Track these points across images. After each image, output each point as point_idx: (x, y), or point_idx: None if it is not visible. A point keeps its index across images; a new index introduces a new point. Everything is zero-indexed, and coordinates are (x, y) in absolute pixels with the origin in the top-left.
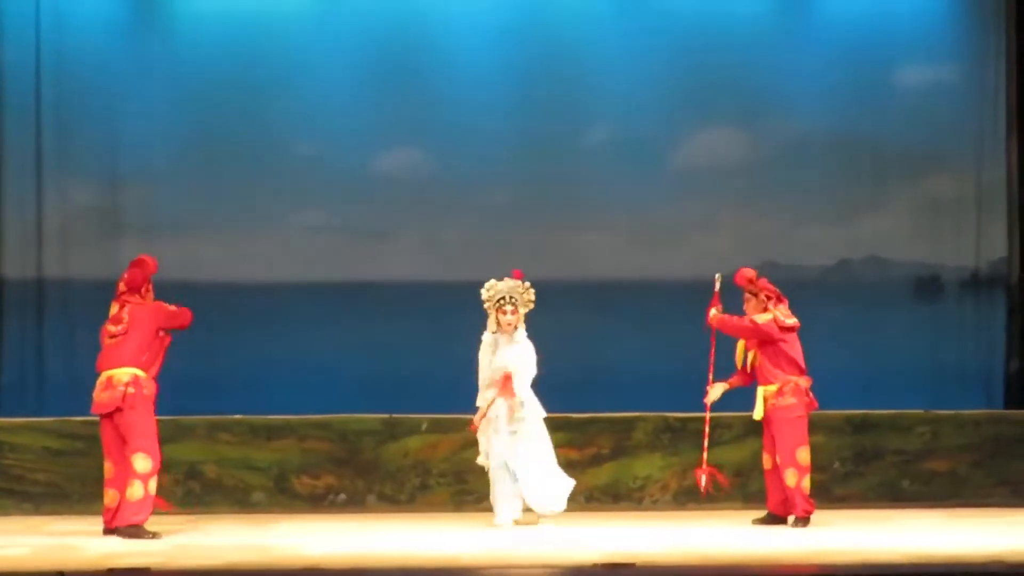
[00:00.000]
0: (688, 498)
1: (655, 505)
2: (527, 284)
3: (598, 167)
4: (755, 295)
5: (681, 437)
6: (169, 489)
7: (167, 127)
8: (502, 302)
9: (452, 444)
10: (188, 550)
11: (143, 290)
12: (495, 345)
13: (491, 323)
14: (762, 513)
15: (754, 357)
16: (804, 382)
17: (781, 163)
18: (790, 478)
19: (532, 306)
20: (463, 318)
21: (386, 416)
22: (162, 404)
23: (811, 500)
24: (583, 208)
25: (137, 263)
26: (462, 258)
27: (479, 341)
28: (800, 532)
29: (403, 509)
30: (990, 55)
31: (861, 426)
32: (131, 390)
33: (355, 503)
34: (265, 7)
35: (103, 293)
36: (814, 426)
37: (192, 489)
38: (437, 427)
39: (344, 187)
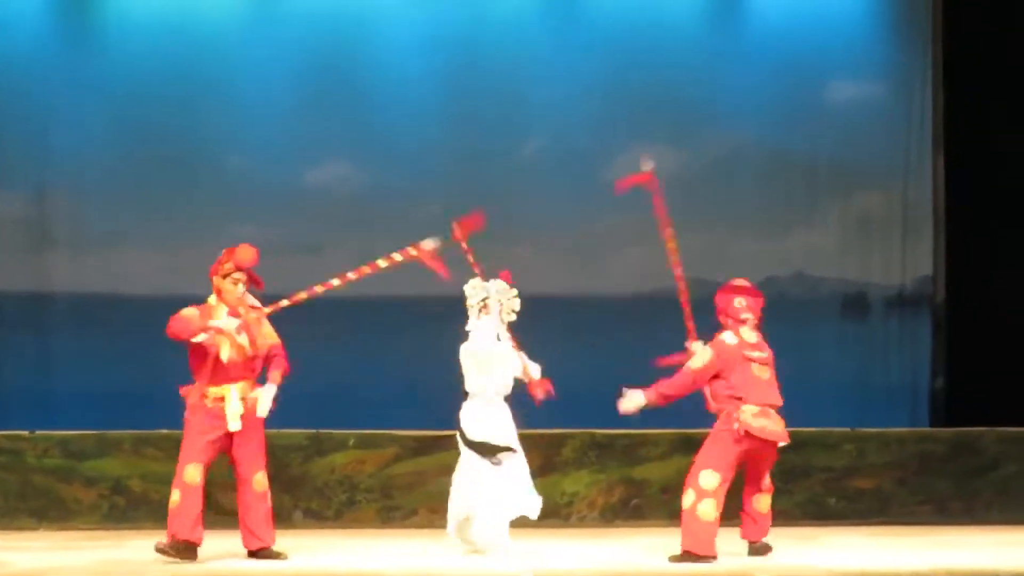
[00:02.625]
0: (615, 515)
1: (582, 522)
2: (513, 289)
3: (532, 180)
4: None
5: (608, 454)
6: (94, 504)
7: (97, 137)
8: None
9: (379, 460)
10: (113, 566)
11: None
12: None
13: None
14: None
15: None
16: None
17: (712, 179)
18: (686, 499)
19: (513, 316)
20: (393, 333)
21: (313, 432)
22: (88, 418)
23: (707, 541)
24: (516, 222)
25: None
26: (395, 273)
27: (408, 355)
28: (726, 548)
29: (329, 525)
30: (917, 73)
31: (788, 443)
32: None
33: (281, 519)
34: (198, 18)
35: (30, 305)
36: None
37: (117, 504)
38: (364, 443)
39: (276, 200)
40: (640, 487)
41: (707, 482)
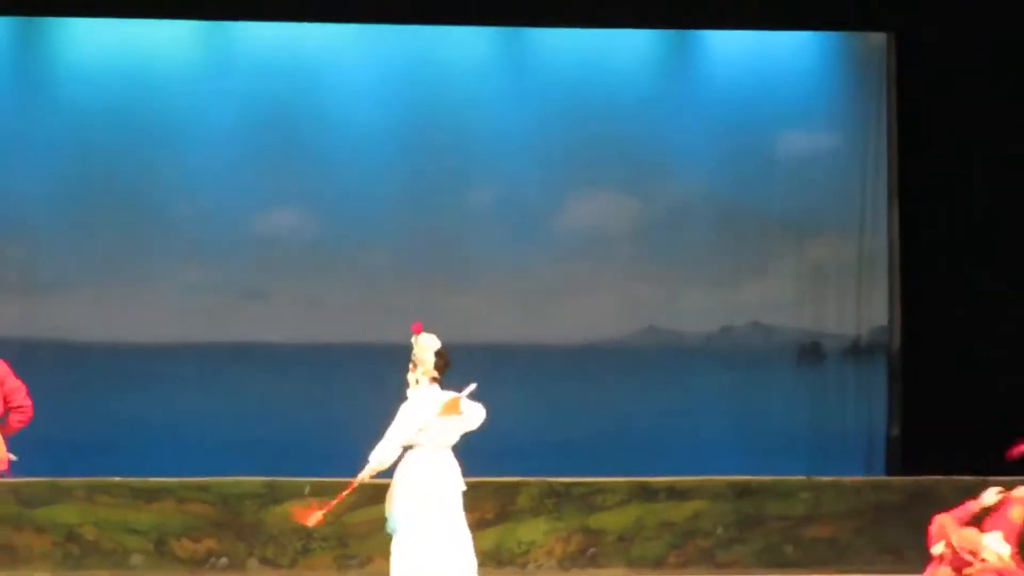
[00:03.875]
0: (572, 563)
1: (540, 570)
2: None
3: (482, 229)
4: None
5: (565, 501)
6: (47, 552)
7: (45, 182)
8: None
9: (335, 508)
10: None
11: None
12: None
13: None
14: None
15: None
16: None
17: (665, 228)
18: None
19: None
20: (344, 380)
21: (268, 479)
22: (40, 466)
23: None
24: (466, 270)
25: None
26: (343, 319)
27: (360, 403)
28: None
29: (285, 573)
30: (871, 122)
31: (743, 491)
32: None
33: (236, 567)
34: (148, 65)
35: None
36: (697, 490)
37: (71, 552)
38: (320, 490)
39: (225, 246)
40: (597, 535)
41: None
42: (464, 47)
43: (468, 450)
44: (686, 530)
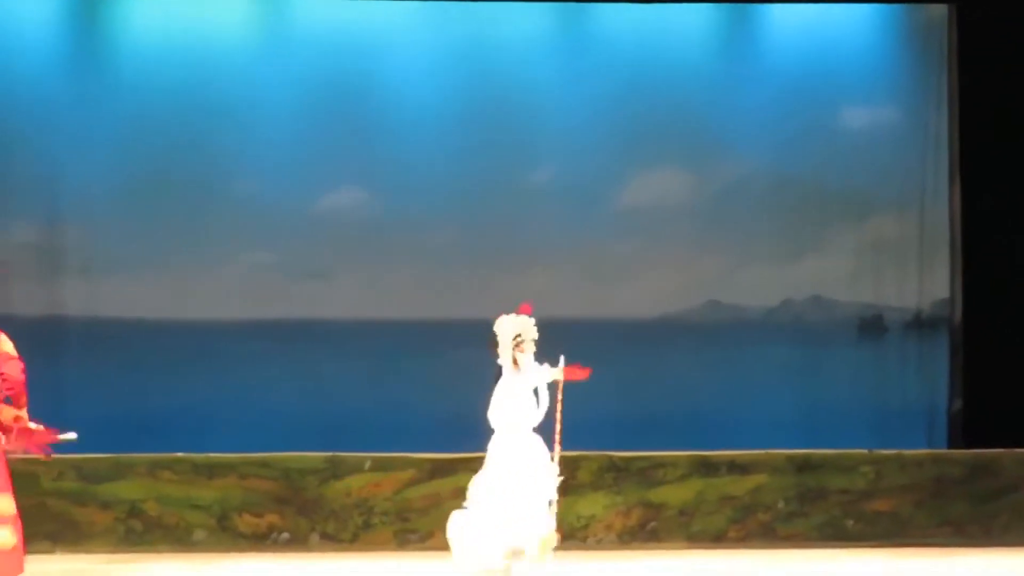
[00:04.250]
0: (632, 537)
1: (599, 544)
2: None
3: (543, 207)
4: None
5: (625, 476)
6: (109, 528)
7: (108, 164)
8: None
9: (395, 483)
10: None
11: None
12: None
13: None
14: (708, 552)
15: None
16: None
17: (725, 203)
18: None
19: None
20: (406, 357)
21: (329, 454)
22: (104, 442)
23: None
24: (527, 248)
25: None
26: (406, 298)
27: (420, 380)
28: (747, 572)
29: (346, 548)
30: (932, 97)
31: (804, 466)
32: None
33: (297, 542)
34: (209, 43)
35: (44, 331)
36: (758, 464)
37: (133, 528)
38: (380, 466)
39: (288, 226)
40: (657, 510)
41: None
42: (524, 24)
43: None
44: (747, 504)
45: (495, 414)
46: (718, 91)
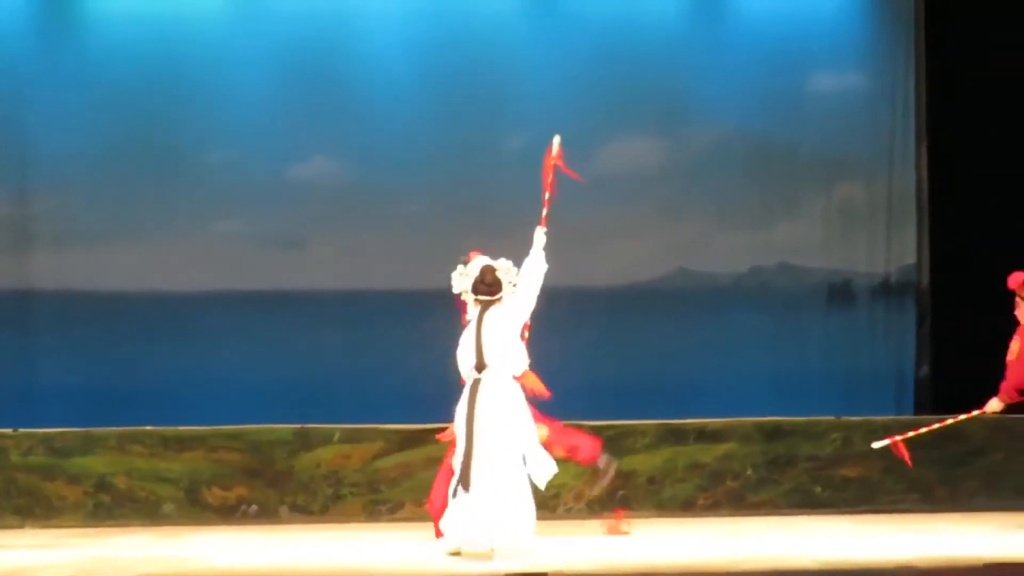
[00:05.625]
0: (602, 506)
1: (569, 513)
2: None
3: (514, 174)
4: None
5: None
6: (79, 501)
7: (78, 134)
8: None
9: (365, 454)
10: (97, 563)
11: None
12: None
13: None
14: (677, 520)
15: None
16: None
17: (695, 170)
18: None
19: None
20: (379, 327)
21: (298, 426)
22: (73, 416)
23: None
24: (500, 215)
25: None
26: (378, 267)
27: (393, 350)
28: (715, 539)
29: (316, 520)
30: (901, 63)
31: (773, 433)
32: None
33: (267, 514)
34: (180, 11)
35: (13, 303)
36: (727, 432)
37: (102, 501)
38: (349, 437)
39: (260, 195)
40: (627, 478)
41: None
42: None
43: None
44: (716, 471)
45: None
46: (688, 58)
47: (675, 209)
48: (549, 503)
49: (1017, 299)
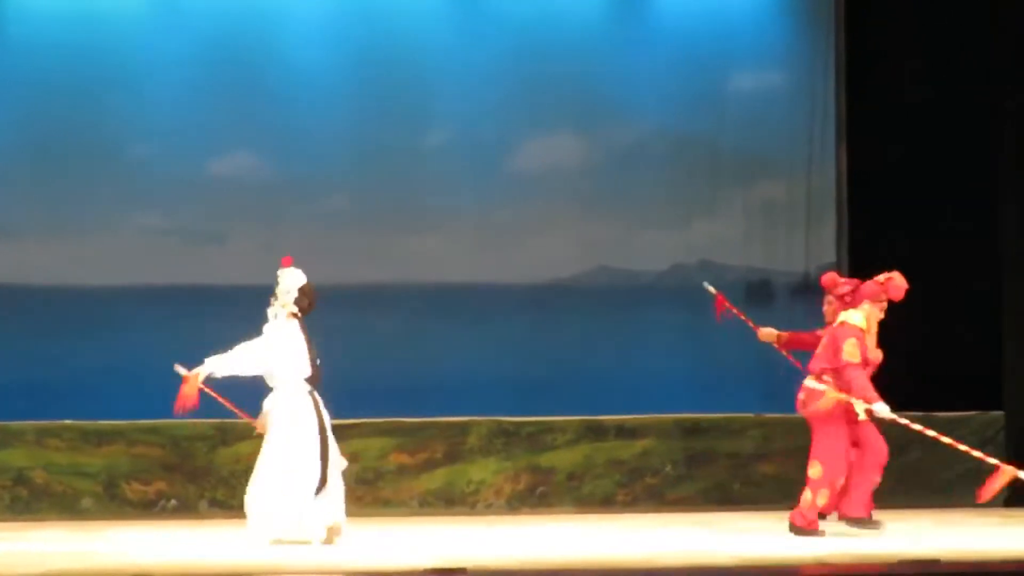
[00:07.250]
0: (521, 502)
1: (489, 509)
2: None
3: (436, 171)
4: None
5: (515, 441)
6: None
7: None
8: None
9: None
10: (11, 558)
11: None
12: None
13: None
14: (597, 516)
15: None
16: None
17: (616, 168)
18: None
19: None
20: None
21: (218, 421)
22: None
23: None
24: (420, 211)
25: None
26: (299, 262)
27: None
28: (632, 536)
29: (236, 515)
30: (820, 62)
31: (693, 429)
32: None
33: (186, 509)
34: (100, 7)
35: None
36: (646, 429)
37: (19, 495)
38: None
39: (179, 190)
40: (546, 474)
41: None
42: None
43: (420, 390)
44: (635, 468)
45: (284, 366)
46: (609, 56)
47: (596, 207)
48: (468, 499)
49: (828, 297)
